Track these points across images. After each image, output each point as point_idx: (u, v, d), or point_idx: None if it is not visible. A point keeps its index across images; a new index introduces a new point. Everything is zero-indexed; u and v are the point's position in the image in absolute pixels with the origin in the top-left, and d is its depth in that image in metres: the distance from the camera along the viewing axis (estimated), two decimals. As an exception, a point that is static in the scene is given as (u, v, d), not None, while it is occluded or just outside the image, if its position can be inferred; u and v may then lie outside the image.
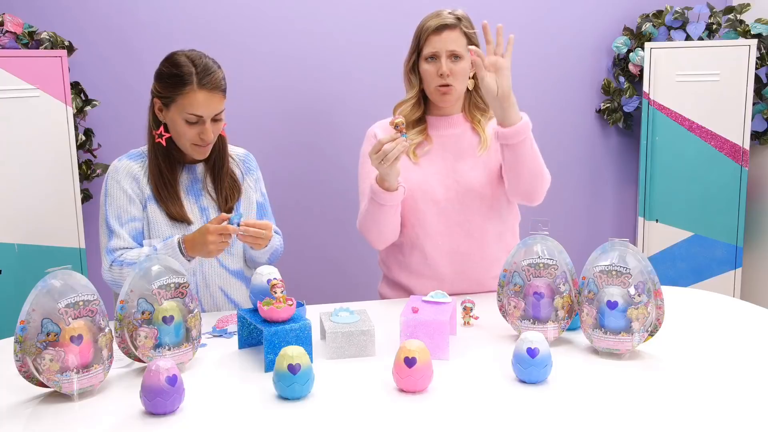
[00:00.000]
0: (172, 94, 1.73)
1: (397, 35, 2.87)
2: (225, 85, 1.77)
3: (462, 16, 1.89)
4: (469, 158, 1.92)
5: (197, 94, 1.71)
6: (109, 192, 1.79)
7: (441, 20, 1.86)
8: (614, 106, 3.07)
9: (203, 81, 1.71)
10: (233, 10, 2.77)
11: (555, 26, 3.04)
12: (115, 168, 1.81)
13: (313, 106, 2.91)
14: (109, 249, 1.75)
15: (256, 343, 1.57)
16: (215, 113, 1.74)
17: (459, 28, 1.86)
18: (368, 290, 2.36)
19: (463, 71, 1.88)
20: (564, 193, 3.15)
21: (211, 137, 1.75)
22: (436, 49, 1.86)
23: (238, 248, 1.90)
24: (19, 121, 2.27)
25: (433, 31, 1.86)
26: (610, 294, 1.45)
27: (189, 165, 1.85)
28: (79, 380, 1.28)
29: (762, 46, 2.88)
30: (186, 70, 1.72)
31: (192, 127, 1.74)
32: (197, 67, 1.72)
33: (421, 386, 1.31)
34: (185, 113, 1.72)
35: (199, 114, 1.72)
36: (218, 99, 1.75)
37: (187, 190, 1.84)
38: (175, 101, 1.73)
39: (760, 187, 3.08)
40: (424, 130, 1.95)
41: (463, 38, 1.87)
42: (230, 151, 1.92)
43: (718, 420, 1.20)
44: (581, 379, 1.37)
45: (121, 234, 1.75)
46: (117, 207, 1.78)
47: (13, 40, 2.38)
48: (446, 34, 1.86)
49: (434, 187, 1.90)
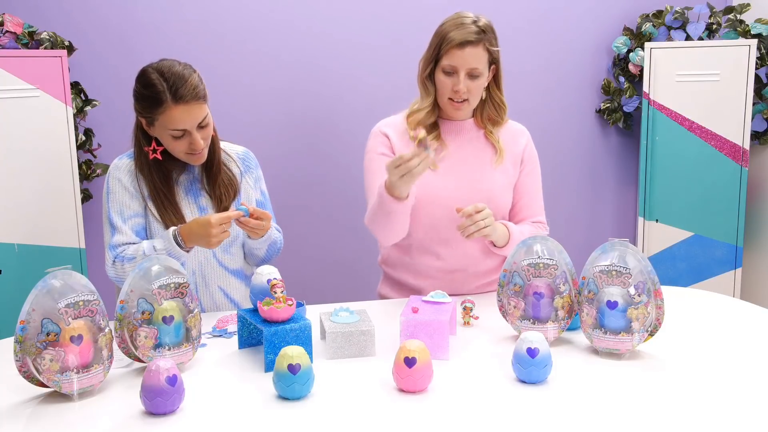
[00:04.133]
0: (151, 114, 1.71)
1: (399, 36, 2.88)
2: (203, 90, 1.72)
3: (486, 27, 1.81)
4: (487, 166, 1.92)
5: (173, 111, 1.67)
6: (111, 189, 1.79)
7: (464, 35, 1.78)
8: (614, 106, 3.07)
9: (177, 96, 1.67)
10: (233, 10, 2.76)
11: (555, 26, 3.04)
12: (116, 166, 1.82)
13: (314, 106, 2.91)
14: (112, 245, 1.75)
15: (256, 343, 1.57)
16: (198, 122, 1.71)
17: (482, 44, 1.80)
18: (368, 290, 2.36)
19: (479, 88, 1.84)
20: (564, 193, 3.15)
21: (200, 145, 1.73)
22: (456, 64, 1.80)
23: (238, 248, 1.90)
24: (19, 121, 2.27)
25: (456, 45, 1.79)
26: (610, 294, 1.45)
27: (187, 165, 1.85)
28: (79, 380, 1.28)
29: (762, 46, 2.88)
30: (158, 89, 1.67)
31: (180, 141, 1.73)
32: (168, 82, 1.67)
33: (421, 386, 1.31)
34: (168, 130, 1.71)
35: (182, 128, 1.70)
36: (197, 108, 1.70)
37: (186, 190, 1.84)
38: (157, 119, 1.71)
39: (760, 187, 3.07)
40: (439, 136, 1.91)
41: (484, 54, 1.81)
42: (229, 150, 1.92)
43: (718, 420, 1.20)
44: (581, 379, 1.37)
45: (123, 229, 1.75)
46: (119, 203, 1.78)
47: (13, 40, 2.38)
48: (468, 51, 1.79)
49: (451, 194, 1.88)
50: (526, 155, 1.97)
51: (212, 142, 1.83)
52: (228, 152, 1.91)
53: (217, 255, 1.86)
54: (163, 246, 1.69)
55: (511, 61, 1.82)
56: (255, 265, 1.93)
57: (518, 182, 1.97)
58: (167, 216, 1.77)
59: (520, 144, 1.97)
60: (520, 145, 1.97)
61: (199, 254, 1.83)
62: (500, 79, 1.91)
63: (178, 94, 1.67)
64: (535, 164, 1.99)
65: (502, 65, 1.90)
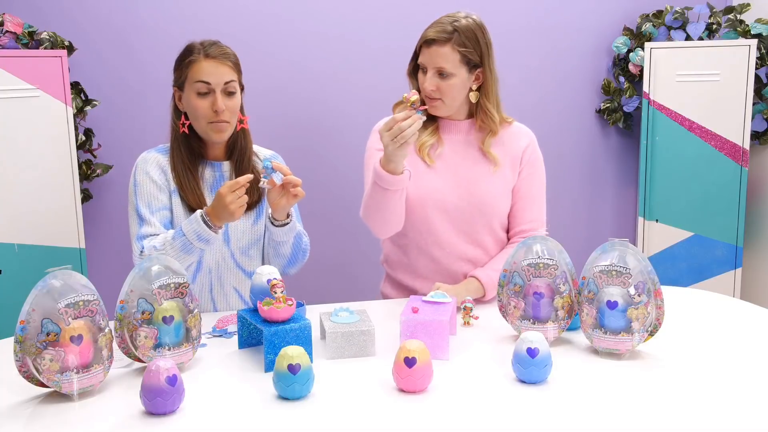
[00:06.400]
0: (182, 71, 1.78)
1: (397, 38, 2.88)
2: (234, 57, 1.80)
3: (462, 28, 1.77)
4: (483, 170, 1.89)
5: (202, 63, 1.75)
6: (139, 182, 1.79)
7: (434, 32, 1.77)
8: (614, 106, 3.07)
9: (208, 51, 1.76)
10: (233, 10, 2.77)
11: (555, 26, 3.04)
12: (144, 159, 1.82)
13: (314, 106, 2.91)
14: (140, 235, 1.74)
15: (256, 343, 1.57)
16: (224, 82, 1.76)
17: (450, 44, 1.76)
18: (368, 290, 2.36)
19: (451, 88, 1.80)
20: (564, 193, 3.15)
21: (221, 106, 1.74)
22: (424, 61, 1.81)
23: (257, 251, 1.90)
24: (19, 121, 2.27)
25: (424, 42, 1.80)
26: (610, 294, 1.45)
27: (214, 162, 1.85)
28: (79, 380, 1.28)
29: (762, 46, 2.88)
30: (192, 46, 1.79)
31: (203, 99, 1.75)
32: (203, 43, 1.79)
33: (421, 386, 1.31)
34: (194, 84, 1.75)
35: (207, 80, 1.74)
36: (226, 69, 1.77)
37: (211, 187, 1.84)
38: (186, 77, 1.77)
39: (760, 187, 3.08)
40: (436, 131, 1.90)
41: (453, 54, 1.77)
42: (257, 152, 1.93)
43: (718, 420, 1.20)
44: (581, 379, 1.37)
45: (152, 221, 1.75)
46: (147, 195, 1.78)
47: (13, 40, 2.38)
48: (434, 49, 1.78)
49: (446, 196, 1.87)
50: (526, 158, 1.92)
51: (244, 136, 1.86)
52: (257, 154, 1.93)
53: (235, 256, 1.85)
54: (191, 228, 1.66)
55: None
56: (282, 268, 1.88)
57: (516, 186, 1.92)
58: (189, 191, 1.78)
59: (520, 146, 1.92)
60: (520, 147, 1.92)
61: (217, 254, 1.83)
62: (489, 87, 1.85)
63: (210, 50, 1.77)
64: (535, 168, 1.93)
65: (497, 72, 1.86)
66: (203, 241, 1.67)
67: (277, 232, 1.79)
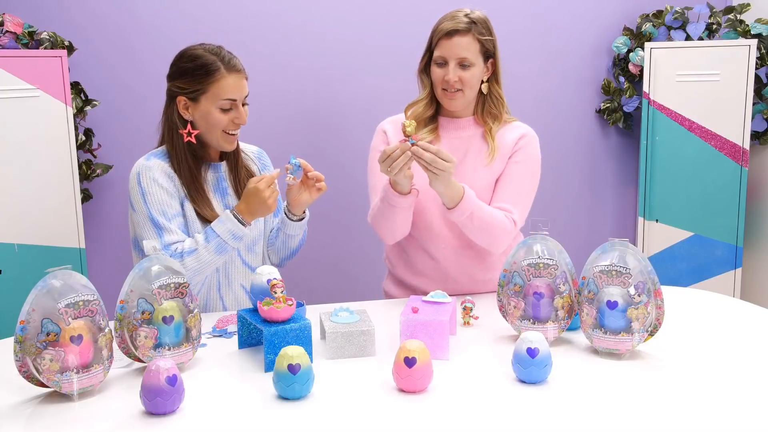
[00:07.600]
0: (201, 86, 1.72)
1: (402, 37, 2.88)
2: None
3: (477, 19, 1.83)
4: (477, 164, 1.89)
5: (228, 79, 1.72)
6: (148, 190, 1.73)
7: (453, 24, 1.81)
8: (614, 106, 3.07)
9: (230, 65, 1.73)
10: (233, 10, 2.77)
11: (555, 26, 3.04)
12: (147, 167, 1.75)
13: (316, 106, 2.91)
14: (165, 245, 1.70)
15: (256, 343, 1.57)
16: (245, 95, 1.77)
17: (471, 34, 1.81)
18: (369, 290, 2.36)
19: (472, 78, 1.84)
20: (564, 193, 3.15)
21: (245, 120, 1.77)
22: (445, 54, 1.82)
23: (260, 246, 1.91)
24: (19, 121, 2.27)
25: (444, 35, 1.82)
26: (610, 294, 1.45)
27: (213, 163, 1.84)
28: (79, 380, 1.28)
29: (762, 46, 2.88)
30: (210, 59, 1.73)
31: (226, 114, 1.74)
32: (218, 55, 1.74)
33: (421, 386, 1.31)
34: (219, 101, 1.73)
35: (234, 98, 1.74)
36: (245, 82, 1.77)
37: (213, 188, 1.83)
38: (207, 92, 1.73)
39: (760, 187, 3.08)
40: (435, 130, 1.92)
41: (475, 44, 1.82)
42: (245, 149, 1.94)
43: (718, 420, 1.20)
44: (581, 379, 1.37)
45: (171, 228, 1.72)
46: (159, 203, 1.73)
47: (13, 40, 2.38)
48: (456, 40, 1.81)
49: None
50: (516, 147, 1.90)
51: None
52: (245, 151, 1.93)
53: (241, 253, 1.85)
54: (225, 228, 1.69)
55: (512, 62, 1.83)
56: (278, 263, 1.96)
57: (501, 172, 1.91)
58: (207, 210, 1.77)
59: (513, 138, 1.91)
60: (513, 138, 1.90)
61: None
62: (499, 75, 1.91)
63: (231, 63, 1.74)
64: (524, 158, 1.90)
65: (502, 62, 1.90)
66: (237, 239, 1.71)
67: (293, 226, 1.88)
